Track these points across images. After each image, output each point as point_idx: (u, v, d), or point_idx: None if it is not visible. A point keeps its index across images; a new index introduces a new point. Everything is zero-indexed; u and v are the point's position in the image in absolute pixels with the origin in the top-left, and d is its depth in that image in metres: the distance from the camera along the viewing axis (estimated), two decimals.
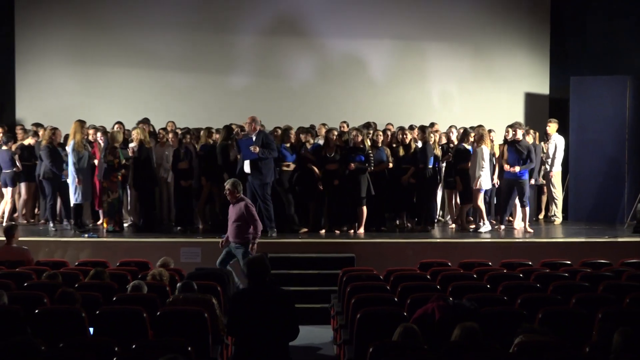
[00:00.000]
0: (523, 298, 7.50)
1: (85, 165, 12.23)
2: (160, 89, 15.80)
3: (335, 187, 12.27)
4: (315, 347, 9.29)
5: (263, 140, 11.68)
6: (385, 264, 10.10)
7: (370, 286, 8.37)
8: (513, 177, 12.56)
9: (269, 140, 11.80)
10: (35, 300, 7.21)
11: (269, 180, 11.81)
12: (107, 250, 11.24)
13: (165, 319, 6.92)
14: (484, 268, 9.32)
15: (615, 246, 11.77)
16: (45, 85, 15.80)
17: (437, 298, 6.93)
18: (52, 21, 15.81)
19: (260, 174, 11.70)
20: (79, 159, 12.06)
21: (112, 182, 12.08)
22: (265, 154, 11.63)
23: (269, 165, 11.79)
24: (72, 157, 12.02)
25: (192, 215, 12.85)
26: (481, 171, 12.30)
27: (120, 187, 12.15)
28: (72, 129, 12.16)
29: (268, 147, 11.67)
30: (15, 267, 9.07)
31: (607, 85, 14.37)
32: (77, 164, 12.02)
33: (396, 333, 6.12)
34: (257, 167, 11.68)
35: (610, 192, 14.12)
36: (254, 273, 6.08)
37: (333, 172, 12.27)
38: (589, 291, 8.02)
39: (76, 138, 12.04)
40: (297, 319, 6.06)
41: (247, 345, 5.93)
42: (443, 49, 15.96)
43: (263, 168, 11.70)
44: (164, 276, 8.36)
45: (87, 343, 6.14)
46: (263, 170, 11.71)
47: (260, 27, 15.87)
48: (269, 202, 11.85)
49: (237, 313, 5.99)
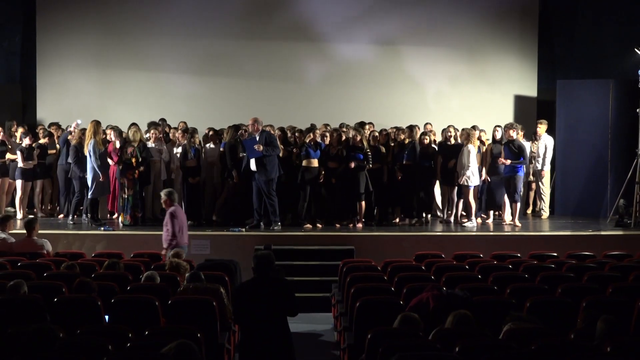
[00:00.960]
0: (512, 288, 7.49)
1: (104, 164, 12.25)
2: (173, 92, 15.76)
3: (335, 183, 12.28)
4: (317, 333, 9.30)
5: (266, 139, 11.72)
6: (383, 255, 10.12)
7: (369, 276, 8.37)
8: (509, 173, 12.53)
9: (271, 138, 11.84)
10: (55, 290, 7.22)
11: (273, 176, 11.82)
12: (121, 243, 11.24)
13: (176, 307, 6.93)
14: (475, 260, 9.30)
15: (599, 239, 11.78)
16: (64, 87, 15.78)
17: (432, 288, 6.93)
18: (72, 27, 15.78)
19: (265, 170, 11.72)
20: (99, 157, 12.05)
21: (129, 180, 12.08)
22: (269, 152, 11.67)
23: (273, 162, 11.81)
24: (93, 156, 12.01)
25: (201, 210, 12.80)
26: (466, 169, 12.29)
27: (136, 184, 12.14)
28: (90, 130, 12.14)
29: (271, 145, 11.72)
30: (36, 259, 9.08)
31: (592, 88, 14.35)
32: (98, 162, 12.02)
33: (396, 321, 6.11)
34: (262, 164, 11.71)
35: (594, 188, 14.11)
36: (260, 267, 6.17)
37: (333, 170, 12.27)
38: (574, 281, 8.01)
39: (96, 138, 12.04)
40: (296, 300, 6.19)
41: (252, 333, 5.97)
42: (439, 53, 15.91)
43: (267, 165, 11.73)
44: (182, 266, 8.36)
45: (102, 330, 6.15)
46: (268, 167, 11.73)
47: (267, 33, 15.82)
48: (273, 197, 11.86)
49: (242, 303, 6.03)
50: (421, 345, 5.52)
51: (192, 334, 5.77)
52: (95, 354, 5.37)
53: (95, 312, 6.69)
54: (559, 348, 5.41)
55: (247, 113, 13.98)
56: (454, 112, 15.50)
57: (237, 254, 10.50)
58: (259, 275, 6.12)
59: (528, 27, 16.04)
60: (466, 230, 12.25)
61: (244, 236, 11.66)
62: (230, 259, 9.65)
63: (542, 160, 13.70)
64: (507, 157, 12.49)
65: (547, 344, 5.45)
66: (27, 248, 9.49)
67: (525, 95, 15.98)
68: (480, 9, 15.97)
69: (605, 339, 5.55)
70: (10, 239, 9.71)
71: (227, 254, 10.56)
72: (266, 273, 6.13)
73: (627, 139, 13.69)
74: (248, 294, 6.08)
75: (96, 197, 12.26)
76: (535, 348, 5.38)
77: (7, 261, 8.72)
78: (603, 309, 6.27)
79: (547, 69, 16.02)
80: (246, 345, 6.07)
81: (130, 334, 5.89)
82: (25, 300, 6.79)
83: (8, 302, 6.79)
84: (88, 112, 15.12)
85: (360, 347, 6.41)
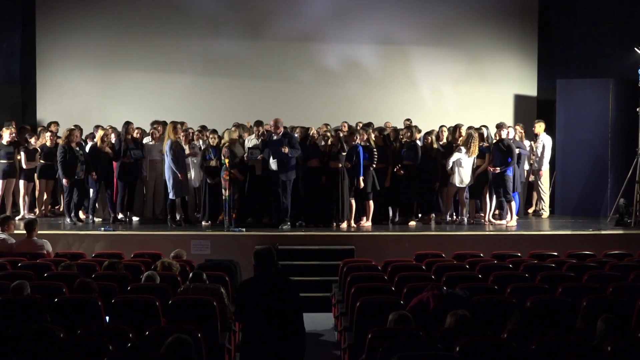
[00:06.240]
0: (512, 287, 7.49)
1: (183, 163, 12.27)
2: (173, 92, 15.78)
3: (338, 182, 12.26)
4: (317, 333, 9.29)
5: (290, 140, 11.97)
6: (383, 255, 10.13)
7: (369, 276, 8.37)
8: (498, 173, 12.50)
9: (294, 140, 12.08)
10: (55, 290, 7.22)
11: (292, 177, 12.09)
12: (121, 243, 11.20)
13: (176, 307, 6.93)
14: (475, 259, 9.30)
15: (599, 238, 11.76)
16: (64, 87, 15.79)
17: (432, 287, 6.93)
18: (72, 26, 15.79)
19: (287, 171, 12.00)
20: (175, 157, 12.08)
21: (225, 180, 12.00)
22: (293, 154, 11.92)
23: (293, 164, 12.09)
24: (170, 155, 12.06)
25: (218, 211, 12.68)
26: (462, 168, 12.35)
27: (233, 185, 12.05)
28: (169, 129, 12.23)
29: (294, 147, 11.96)
30: (36, 259, 9.08)
31: (592, 87, 14.35)
32: (175, 162, 12.06)
33: (390, 320, 6.10)
34: (285, 166, 11.97)
35: (594, 187, 14.11)
36: (261, 263, 6.03)
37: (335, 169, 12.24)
38: (574, 281, 8.02)
39: (173, 137, 12.11)
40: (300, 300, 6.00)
41: (254, 332, 5.91)
42: (440, 53, 15.95)
43: (289, 166, 12.01)
44: (174, 266, 8.36)
45: (103, 330, 6.14)
46: (290, 169, 12.03)
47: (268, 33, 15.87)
48: (289, 197, 12.07)
49: (244, 301, 5.97)
50: (421, 346, 5.52)
51: (192, 334, 5.76)
52: (96, 354, 5.37)
53: (95, 312, 6.69)
54: (559, 348, 5.41)
55: (248, 113, 14.08)
56: (453, 111, 15.51)
57: (238, 254, 10.49)
58: (260, 272, 6.05)
59: (528, 26, 16.07)
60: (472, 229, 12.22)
61: (244, 236, 11.65)
62: (230, 259, 9.66)
63: (539, 159, 13.69)
64: (495, 156, 12.46)
65: (547, 343, 5.45)
66: (27, 248, 9.49)
67: (525, 94, 15.99)
68: (479, 8, 15.99)
69: (606, 338, 5.56)
70: (10, 239, 9.71)
71: (227, 254, 10.56)
72: (268, 269, 6.00)
73: (627, 138, 13.69)
74: (250, 291, 5.97)
75: (177, 197, 12.28)
76: (535, 347, 5.38)
77: (8, 262, 8.72)
78: (603, 309, 6.28)
79: (547, 69, 16.04)
80: (247, 345, 6.04)
81: (130, 334, 5.89)
82: (25, 300, 6.80)
83: (8, 302, 6.80)
84: (88, 113, 15.21)
85: (360, 347, 6.40)
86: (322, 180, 12.31)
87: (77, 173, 12.35)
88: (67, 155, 12.25)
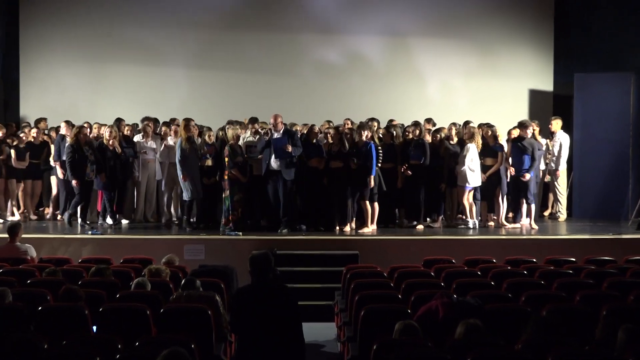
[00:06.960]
0: (527, 295, 7.47)
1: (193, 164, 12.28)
2: (164, 86, 15.81)
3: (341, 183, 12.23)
4: (318, 344, 9.27)
5: (292, 138, 12.04)
6: (389, 260, 10.09)
7: (374, 283, 8.35)
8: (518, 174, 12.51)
9: (295, 138, 12.14)
10: (39, 298, 7.20)
11: (294, 176, 12.13)
12: (110, 248, 11.21)
13: (168, 316, 6.91)
14: (488, 265, 9.28)
15: (620, 243, 11.74)
16: (49, 82, 15.81)
17: (441, 295, 6.91)
18: (58, 17, 15.83)
19: (290, 170, 12.06)
20: (183, 157, 12.13)
21: (224, 181, 12.00)
22: (296, 152, 11.99)
23: (295, 163, 12.13)
24: (178, 155, 12.15)
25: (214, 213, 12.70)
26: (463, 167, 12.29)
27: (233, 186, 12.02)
28: (180, 127, 12.39)
29: (295, 145, 12.02)
30: (19, 265, 9.07)
31: (611, 82, 14.35)
32: (181, 162, 12.12)
33: (396, 330, 6.09)
34: (287, 165, 12.04)
35: (614, 189, 14.11)
36: (257, 269, 6.02)
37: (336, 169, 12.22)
38: (593, 288, 8.00)
39: (182, 135, 12.18)
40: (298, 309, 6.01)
41: (250, 342, 5.90)
42: (449, 46, 15.98)
43: (292, 166, 12.08)
44: (162, 272, 8.32)
45: (90, 340, 6.11)
46: (292, 167, 12.09)
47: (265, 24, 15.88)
48: (291, 198, 12.13)
49: (239, 310, 5.96)
50: (430, 357, 5.51)
51: (185, 344, 5.75)
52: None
53: (82, 321, 6.67)
54: (577, 359, 5.39)
55: (243, 109, 14.08)
56: (465, 107, 15.50)
57: (234, 259, 10.46)
58: (256, 278, 6.04)
59: (543, 17, 16.07)
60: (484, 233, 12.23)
61: (241, 240, 11.63)
62: (225, 264, 9.64)
63: (556, 159, 13.67)
64: (514, 155, 12.45)
65: (564, 355, 5.43)
66: (9, 254, 9.48)
67: (540, 89, 15.99)
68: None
69: (627, 349, 5.54)
70: None
71: (222, 259, 10.54)
72: (264, 276, 6.00)
73: None
74: (245, 299, 5.96)
75: (192, 198, 12.32)
76: (552, 359, 5.37)
77: None
78: (624, 318, 6.25)
79: (563, 62, 16.02)
80: (243, 356, 6.03)
81: (119, 345, 5.87)
82: (7, 309, 6.77)
83: None
84: (75, 109, 15.20)
85: (365, 358, 6.39)
86: (323, 181, 12.30)
87: (87, 174, 12.32)
88: (75, 155, 12.19)
